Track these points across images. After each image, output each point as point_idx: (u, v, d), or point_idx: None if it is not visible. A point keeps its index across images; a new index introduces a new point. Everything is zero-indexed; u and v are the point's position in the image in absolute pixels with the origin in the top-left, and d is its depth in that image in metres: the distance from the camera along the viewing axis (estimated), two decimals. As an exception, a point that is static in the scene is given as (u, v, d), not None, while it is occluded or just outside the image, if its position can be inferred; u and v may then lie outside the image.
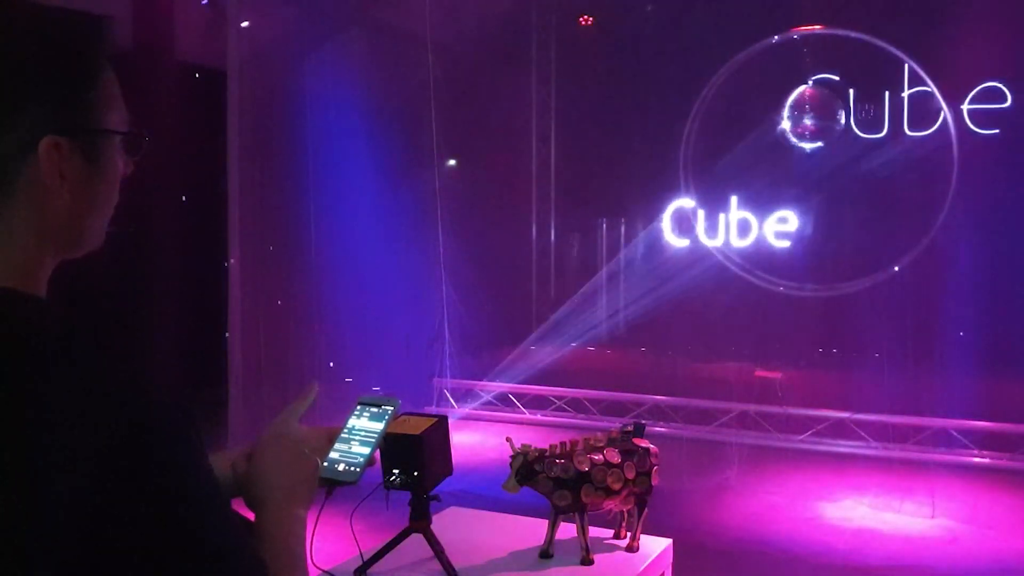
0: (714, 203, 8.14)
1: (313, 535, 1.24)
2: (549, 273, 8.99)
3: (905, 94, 7.51)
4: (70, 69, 0.92)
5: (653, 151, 8.35)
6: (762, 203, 7.99)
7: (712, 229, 8.13)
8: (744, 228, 8.03)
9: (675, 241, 8.25)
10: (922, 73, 7.35)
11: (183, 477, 0.86)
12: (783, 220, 7.92)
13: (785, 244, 7.93)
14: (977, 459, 6.51)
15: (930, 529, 5.26)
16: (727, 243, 8.08)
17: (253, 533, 1.07)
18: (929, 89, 7.35)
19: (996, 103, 7.15)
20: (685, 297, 7.85)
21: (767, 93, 7.86)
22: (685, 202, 8.25)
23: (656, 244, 8.37)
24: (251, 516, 1.13)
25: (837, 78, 7.77)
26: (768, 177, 7.89)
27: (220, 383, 6.82)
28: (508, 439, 2.23)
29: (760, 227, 7.96)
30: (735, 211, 8.05)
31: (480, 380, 8.18)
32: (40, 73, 0.90)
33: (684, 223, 8.23)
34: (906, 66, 7.43)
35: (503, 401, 8.13)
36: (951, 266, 7.10)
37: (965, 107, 7.27)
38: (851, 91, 7.69)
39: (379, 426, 1.33)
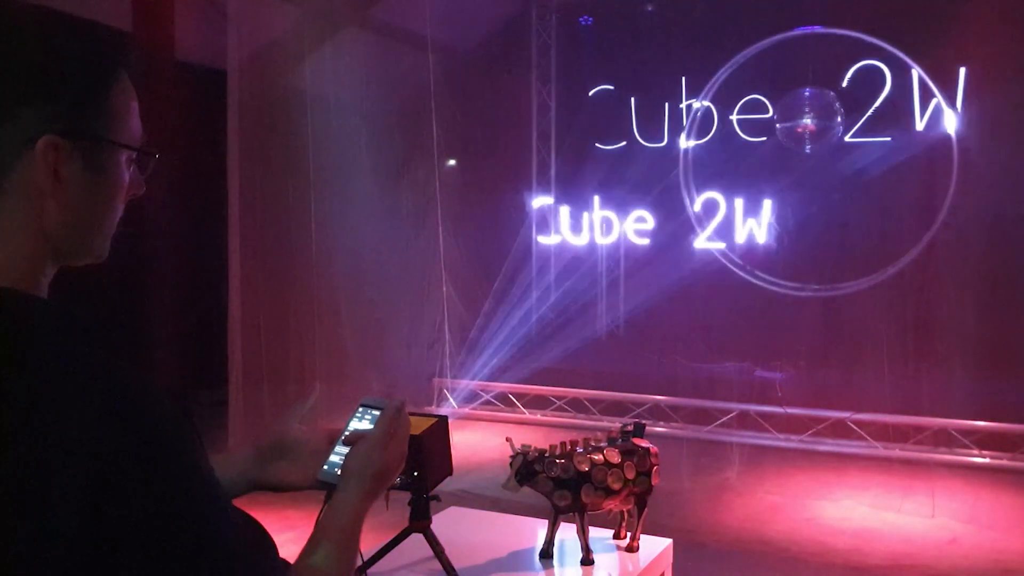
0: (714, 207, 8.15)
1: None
2: (549, 273, 8.96)
3: (683, 105, 8.05)
4: (80, 73, 0.92)
5: (654, 149, 8.34)
6: (758, 203, 7.98)
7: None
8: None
9: (545, 240, 8.81)
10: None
11: (183, 477, 0.85)
12: (641, 219, 8.33)
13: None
14: (977, 459, 6.51)
15: (930, 529, 5.26)
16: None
17: (260, 531, 1.07)
18: (704, 101, 7.94)
19: (760, 113, 7.75)
20: (686, 297, 7.84)
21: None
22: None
23: (660, 243, 8.36)
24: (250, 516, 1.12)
25: (612, 87, 8.28)
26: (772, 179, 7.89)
27: (220, 383, 6.82)
28: (508, 439, 2.22)
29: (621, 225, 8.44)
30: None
31: (480, 380, 8.18)
32: (49, 73, 0.90)
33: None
34: (683, 79, 7.94)
35: (503, 401, 8.13)
36: (952, 266, 7.09)
37: (735, 117, 7.84)
38: (632, 100, 8.21)
39: None
